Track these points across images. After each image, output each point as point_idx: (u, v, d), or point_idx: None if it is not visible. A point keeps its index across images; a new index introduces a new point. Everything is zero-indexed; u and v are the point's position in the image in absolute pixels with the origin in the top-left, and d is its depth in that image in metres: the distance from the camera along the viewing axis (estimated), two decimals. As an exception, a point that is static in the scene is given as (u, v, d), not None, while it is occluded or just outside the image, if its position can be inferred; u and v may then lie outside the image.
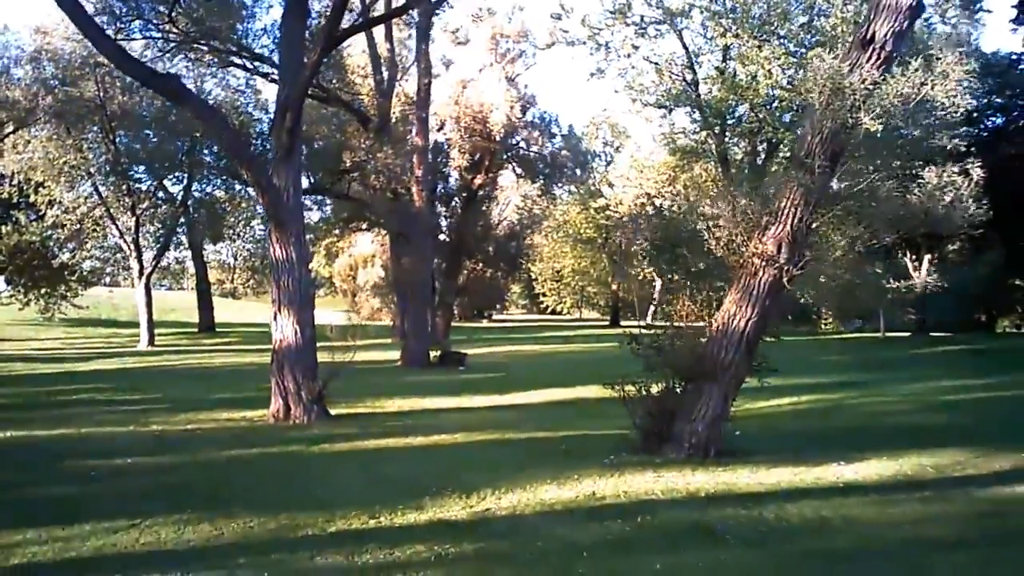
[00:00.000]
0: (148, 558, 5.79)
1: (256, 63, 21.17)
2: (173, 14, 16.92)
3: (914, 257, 32.02)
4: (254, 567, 5.58)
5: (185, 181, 34.52)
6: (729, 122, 26.99)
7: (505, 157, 34.14)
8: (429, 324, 25.19)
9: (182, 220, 36.02)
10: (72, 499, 7.69)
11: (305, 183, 27.88)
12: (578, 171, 37.96)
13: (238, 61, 21.34)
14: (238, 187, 32.15)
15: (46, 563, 5.72)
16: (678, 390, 9.39)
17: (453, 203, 35.98)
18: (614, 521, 6.64)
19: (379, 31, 24.61)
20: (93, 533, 6.38)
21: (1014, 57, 32.09)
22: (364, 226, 31.07)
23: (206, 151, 30.59)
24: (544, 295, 62.28)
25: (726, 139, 27.95)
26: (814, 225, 8.61)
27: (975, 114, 29.57)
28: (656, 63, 27.40)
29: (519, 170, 35.11)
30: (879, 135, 7.79)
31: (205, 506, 7.17)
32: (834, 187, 8.52)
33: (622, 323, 47.42)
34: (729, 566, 5.50)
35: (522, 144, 34.40)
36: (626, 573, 5.44)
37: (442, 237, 35.10)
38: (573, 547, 5.94)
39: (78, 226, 34.92)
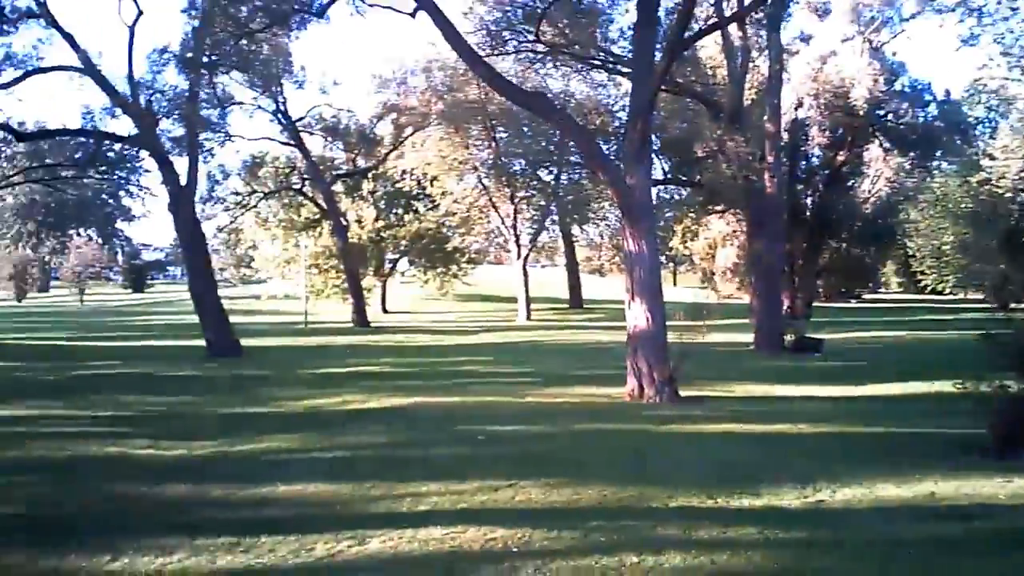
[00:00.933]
0: (521, 514, 6.83)
1: (615, 64, 22.48)
2: (540, 30, 18.78)
3: None
4: (606, 531, 6.37)
5: (555, 172, 37.77)
6: None
7: (870, 131, 31.89)
8: (784, 307, 24.79)
9: (553, 206, 39.43)
10: (464, 458, 9.20)
11: (660, 172, 29.01)
12: (957, 141, 34.13)
13: (597, 63, 22.83)
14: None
15: (445, 511, 6.97)
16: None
17: (815, 180, 34.54)
18: (947, 522, 6.58)
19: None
20: (480, 489, 7.66)
21: None
22: (719, 208, 31.28)
23: (571, 147, 33.12)
24: (922, 274, 56.46)
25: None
26: None
27: None
28: (1036, 25, 23.64)
29: (887, 144, 32.53)
30: None
31: (567, 472, 8.23)
32: None
33: (1012, 306, 41.60)
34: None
35: (890, 116, 31.84)
36: (944, 573, 5.51)
37: (804, 215, 33.97)
38: (899, 544, 6.02)
39: (467, 214, 40.06)
